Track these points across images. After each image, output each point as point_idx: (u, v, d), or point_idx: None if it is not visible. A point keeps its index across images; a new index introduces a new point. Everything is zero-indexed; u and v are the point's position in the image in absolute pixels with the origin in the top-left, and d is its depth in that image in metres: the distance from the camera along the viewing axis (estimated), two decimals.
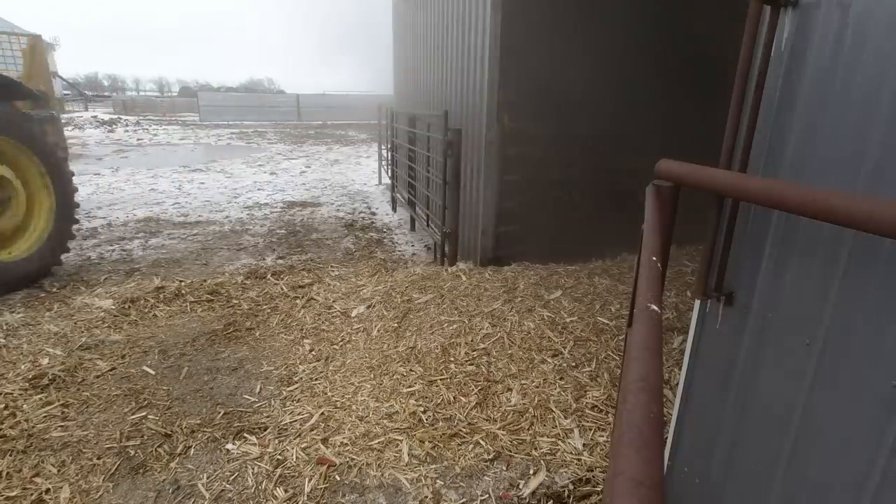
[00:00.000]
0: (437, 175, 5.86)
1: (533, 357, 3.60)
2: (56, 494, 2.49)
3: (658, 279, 1.23)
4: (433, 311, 4.20)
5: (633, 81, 5.42)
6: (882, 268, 1.28)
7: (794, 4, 1.50)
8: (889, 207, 0.96)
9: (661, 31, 5.41)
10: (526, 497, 2.59)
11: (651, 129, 5.30)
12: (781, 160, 1.57)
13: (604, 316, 4.19)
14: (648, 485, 0.56)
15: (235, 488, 2.56)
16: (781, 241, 1.58)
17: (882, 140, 1.27)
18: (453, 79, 6.15)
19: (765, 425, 1.68)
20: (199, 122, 28.65)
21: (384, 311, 4.31)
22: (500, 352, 3.65)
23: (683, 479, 2.10)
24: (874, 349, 1.31)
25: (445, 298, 4.41)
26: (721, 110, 1.76)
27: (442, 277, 4.85)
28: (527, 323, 3.99)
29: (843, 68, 1.37)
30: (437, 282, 4.78)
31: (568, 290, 4.67)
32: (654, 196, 1.68)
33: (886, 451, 1.29)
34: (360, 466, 2.69)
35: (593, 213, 5.90)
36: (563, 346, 3.72)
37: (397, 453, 2.79)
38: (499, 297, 4.40)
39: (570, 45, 5.09)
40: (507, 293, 4.48)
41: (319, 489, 2.55)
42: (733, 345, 1.78)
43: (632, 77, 5.40)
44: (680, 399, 2.10)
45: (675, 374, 3.42)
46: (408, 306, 4.34)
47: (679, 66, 5.51)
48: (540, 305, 4.29)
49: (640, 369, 0.81)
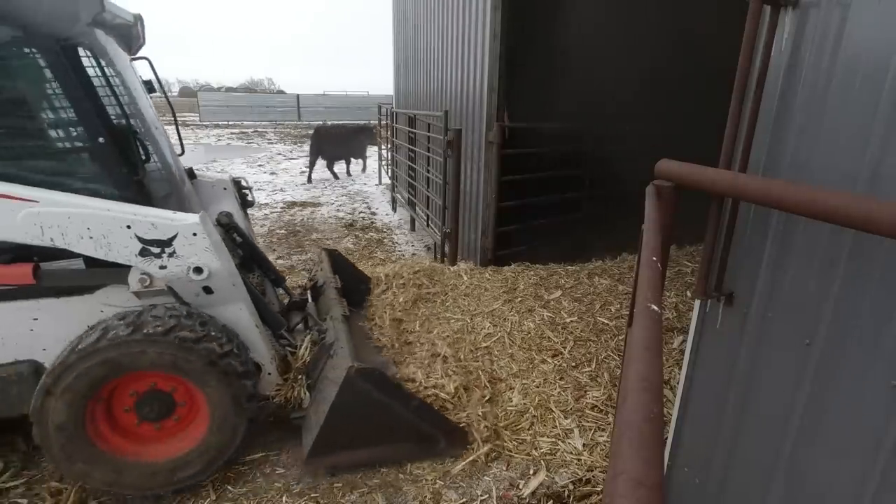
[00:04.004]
0: (437, 175, 5.86)
1: (533, 357, 3.60)
2: None
3: (658, 279, 1.23)
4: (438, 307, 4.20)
5: (633, 81, 5.42)
6: (881, 268, 1.28)
7: (794, 4, 1.50)
8: (888, 208, 0.96)
9: (661, 31, 5.41)
10: (526, 497, 2.59)
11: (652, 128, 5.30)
12: (781, 160, 1.57)
13: (604, 316, 4.18)
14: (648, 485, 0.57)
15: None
16: (781, 241, 1.58)
17: (882, 140, 1.27)
18: (453, 79, 6.15)
19: (765, 425, 1.68)
20: (199, 122, 28.66)
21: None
22: (501, 351, 3.65)
23: (683, 479, 2.11)
24: (874, 349, 1.31)
25: (448, 297, 4.41)
26: (721, 110, 1.76)
27: (446, 275, 4.83)
28: (527, 323, 3.99)
29: (843, 68, 1.37)
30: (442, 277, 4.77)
31: (568, 290, 4.67)
32: (654, 196, 1.68)
33: (886, 451, 1.29)
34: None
35: (593, 213, 5.91)
36: (563, 346, 3.72)
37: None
38: (499, 297, 4.40)
39: (570, 44, 5.09)
40: (508, 293, 4.47)
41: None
42: (733, 345, 1.79)
43: (632, 76, 5.40)
44: (680, 399, 2.10)
45: (675, 374, 3.42)
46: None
47: (680, 65, 5.51)
48: (540, 305, 4.29)
49: (641, 369, 0.81)
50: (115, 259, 2.41)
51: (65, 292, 2.53)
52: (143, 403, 2.53)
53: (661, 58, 5.41)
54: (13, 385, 2.50)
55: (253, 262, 3.19)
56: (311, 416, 2.77)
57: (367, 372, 2.57)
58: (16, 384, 2.50)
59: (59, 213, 2.30)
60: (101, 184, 2.50)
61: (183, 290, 2.55)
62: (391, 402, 2.65)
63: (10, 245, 2.34)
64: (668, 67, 5.49)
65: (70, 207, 2.32)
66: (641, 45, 5.34)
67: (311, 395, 2.86)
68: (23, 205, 2.26)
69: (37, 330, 2.51)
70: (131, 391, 2.51)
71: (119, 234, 2.37)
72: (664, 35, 5.42)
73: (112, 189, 2.49)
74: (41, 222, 2.29)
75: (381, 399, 2.62)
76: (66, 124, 2.50)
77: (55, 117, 2.49)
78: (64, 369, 2.28)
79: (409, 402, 2.70)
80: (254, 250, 2.94)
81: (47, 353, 2.51)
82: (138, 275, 2.46)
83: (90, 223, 2.34)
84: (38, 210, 2.28)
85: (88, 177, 2.53)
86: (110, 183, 2.50)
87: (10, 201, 2.25)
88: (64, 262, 2.48)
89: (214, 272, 2.52)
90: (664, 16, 5.43)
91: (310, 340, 3.08)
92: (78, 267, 2.51)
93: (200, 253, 2.47)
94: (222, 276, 2.56)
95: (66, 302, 2.53)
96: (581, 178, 5.79)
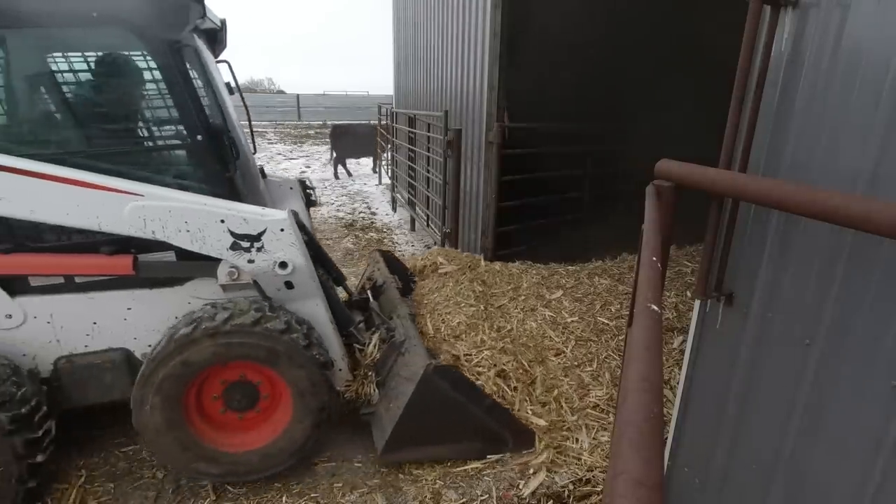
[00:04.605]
0: (437, 175, 5.86)
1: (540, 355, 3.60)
2: None
3: (658, 279, 1.23)
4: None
5: (634, 81, 5.42)
6: (881, 268, 1.28)
7: (794, 4, 1.50)
8: (888, 208, 0.96)
9: (662, 31, 5.41)
10: (526, 497, 2.59)
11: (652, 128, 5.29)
12: (781, 160, 1.57)
13: (604, 316, 4.18)
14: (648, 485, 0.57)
15: None
16: (781, 241, 1.58)
17: (882, 140, 1.27)
18: (453, 79, 6.15)
19: (765, 425, 1.68)
20: None
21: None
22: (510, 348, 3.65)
23: (683, 479, 2.11)
24: (874, 349, 1.31)
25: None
26: (722, 110, 1.76)
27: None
28: (529, 322, 3.99)
29: (844, 68, 1.37)
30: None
31: (569, 290, 4.66)
32: (654, 196, 1.68)
33: (886, 451, 1.29)
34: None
35: (593, 213, 5.90)
36: (565, 346, 3.72)
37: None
38: (506, 293, 4.39)
39: (571, 44, 5.09)
40: (514, 290, 4.47)
41: None
42: (733, 345, 1.78)
43: (633, 76, 5.39)
44: (680, 399, 2.10)
45: (676, 374, 3.42)
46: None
47: (680, 65, 5.50)
48: (542, 305, 4.28)
49: (641, 369, 0.81)
50: (208, 252, 2.50)
51: (157, 284, 2.64)
52: (231, 393, 2.61)
53: (662, 57, 5.41)
54: (106, 372, 2.62)
55: (317, 260, 3.29)
56: (382, 412, 2.83)
57: (444, 370, 2.66)
58: (109, 371, 2.62)
59: (161, 206, 2.40)
60: (196, 180, 2.60)
61: (266, 284, 2.63)
62: (465, 401, 2.70)
63: (113, 237, 2.45)
64: (668, 67, 5.48)
65: (171, 202, 2.42)
66: (642, 44, 5.34)
67: (379, 391, 2.93)
68: (130, 198, 2.37)
69: (130, 319, 2.63)
70: (221, 380, 2.59)
71: (214, 228, 2.46)
72: (665, 34, 5.42)
73: (206, 185, 2.58)
74: (145, 215, 2.39)
75: (456, 397, 2.67)
76: (169, 122, 2.60)
77: (158, 116, 2.61)
78: (164, 357, 2.38)
79: (483, 401, 2.75)
80: (318, 249, 3.04)
81: (138, 341, 2.65)
82: (227, 268, 2.55)
83: (188, 217, 2.43)
84: (143, 204, 2.38)
85: (185, 173, 2.64)
86: (205, 179, 2.59)
87: (120, 195, 2.36)
88: (151, 255, 2.58)
89: (298, 267, 2.61)
90: (665, 15, 5.43)
91: (378, 338, 3.15)
92: (169, 259, 2.61)
93: (286, 248, 2.56)
94: (304, 272, 2.65)
95: (158, 293, 2.64)
96: (581, 177, 5.79)
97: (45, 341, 2.55)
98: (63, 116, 2.54)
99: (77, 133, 2.51)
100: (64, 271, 2.50)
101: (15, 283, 2.47)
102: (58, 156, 2.38)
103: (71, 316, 2.55)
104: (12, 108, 2.53)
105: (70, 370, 2.57)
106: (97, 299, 2.56)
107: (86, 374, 2.59)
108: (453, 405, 2.67)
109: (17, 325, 2.50)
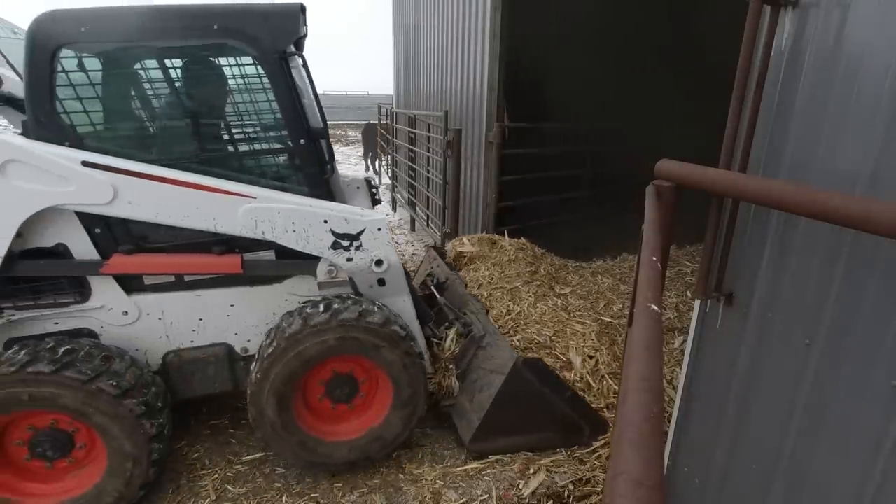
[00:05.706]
0: (437, 175, 5.86)
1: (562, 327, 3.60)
2: None
3: (658, 279, 1.23)
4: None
5: (634, 81, 5.42)
6: (881, 268, 1.28)
7: (794, 4, 1.50)
8: (888, 208, 0.96)
9: (663, 30, 5.41)
10: (526, 497, 2.59)
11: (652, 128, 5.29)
12: (781, 160, 1.57)
13: (607, 315, 4.18)
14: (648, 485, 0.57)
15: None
16: (781, 241, 1.58)
17: (882, 140, 1.27)
18: (453, 78, 6.14)
19: (765, 425, 1.68)
20: None
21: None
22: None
23: (683, 479, 2.10)
24: (874, 349, 1.31)
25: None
26: (722, 110, 1.76)
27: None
28: (541, 305, 3.95)
29: (844, 68, 1.37)
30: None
31: (575, 287, 4.65)
32: (654, 196, 1.68)
33: (886, 451, 1.29)
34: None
35: (593, 213, 5.90)
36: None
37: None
38: (522, 273, 4.36)
39: (571, 44, 5.09)
40: (531, 275, 4.43)
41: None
42: (733, 345, 1.78)
43: (633, 76, 5.39)
44: (681, 399, 2.10)
45: (676, 374, 3.42)
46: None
47: (681, 65, 5.51)
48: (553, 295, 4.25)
49: (641, 369, 0.81)
50: (311, 251, 2.62)
51: (258, 281, 2.75)
52: (333, 386, 2.72)
53: (662, 57, 5.41)
54: (210, 366, 2.75)
55: None
56: (466, 404, 2.93)
57: (532, 363, 2.75)
58: (212, 365, 2.76)
59: (271, 208, 2.52)
60: (297, 182, 2.70)
61: (361, 281, 2.75)
62: (549, 393, 2.78)
63: (224, 237, 2.56)
64: (669, 66, 5.48)
65: (280, 203, 2.54)
66: (643, 44, 5.34)
67: (460, 384, 3.04)
68: (244, 201, 2.50)
69: (232, 315, 2.75)
70: (332, 369, 2.69)
71: (317, 227, 2.59)
72: (665, 34, 5.42)
73: (306, 187, 2.68)
74: (256, 217, 2.52)
75: (542, 389, 2.76)
76: (275, 127, 2.72)
77: (265, 121, 2.73)
78: (280, 353, 2.48)
79: (565, 393, 2.84)
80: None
81: (238, 337, 2.79)
82: (326, 266, 2.67)
83: (294, 217, 2.56)
84: (255, 206, 2.50)
85: (288, 175, 2.75)
86: (305, 181, 2.69)
87: (235, 198, 2.48)
88: (252, 254, 2.68)
89: (392, 265, 2.74)
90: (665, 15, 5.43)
91: (455, 332, 3.25)
92: (270, 258, 2.72)
93: (382, 247, 2.70)
94: (397, 269, 2.78)
95: (258, 290, 2.76)
96: (581, 177, 5.79)
97: (156, 337, 2.68)
98: (180, 123, 2.62)
99: (193, 139, 2.58)
100: (180, 270, 2.61)
101: (131, 281, 2.58)
102: (177, 161, 2.48)
103: (180, 312, 2.67)
104: (137, 117, 2.68)
105: (177, 364, 2.71)
106: (203, 297, 2.68)
107: (191, 368, 2.73)
108: (539, 397, 2.77)
109: (132, 321, 2.62)
